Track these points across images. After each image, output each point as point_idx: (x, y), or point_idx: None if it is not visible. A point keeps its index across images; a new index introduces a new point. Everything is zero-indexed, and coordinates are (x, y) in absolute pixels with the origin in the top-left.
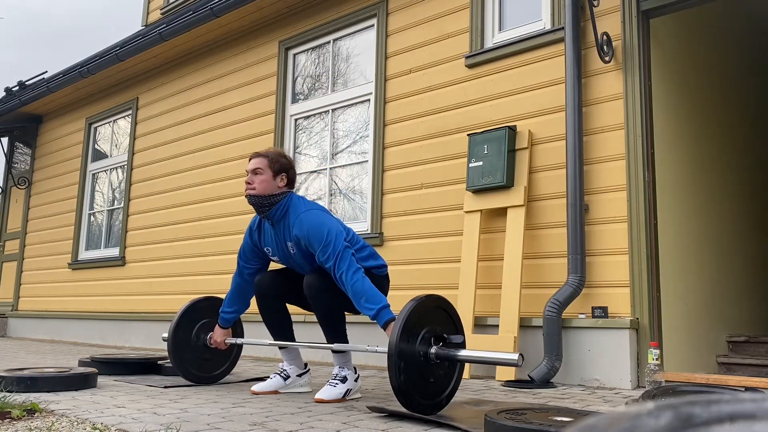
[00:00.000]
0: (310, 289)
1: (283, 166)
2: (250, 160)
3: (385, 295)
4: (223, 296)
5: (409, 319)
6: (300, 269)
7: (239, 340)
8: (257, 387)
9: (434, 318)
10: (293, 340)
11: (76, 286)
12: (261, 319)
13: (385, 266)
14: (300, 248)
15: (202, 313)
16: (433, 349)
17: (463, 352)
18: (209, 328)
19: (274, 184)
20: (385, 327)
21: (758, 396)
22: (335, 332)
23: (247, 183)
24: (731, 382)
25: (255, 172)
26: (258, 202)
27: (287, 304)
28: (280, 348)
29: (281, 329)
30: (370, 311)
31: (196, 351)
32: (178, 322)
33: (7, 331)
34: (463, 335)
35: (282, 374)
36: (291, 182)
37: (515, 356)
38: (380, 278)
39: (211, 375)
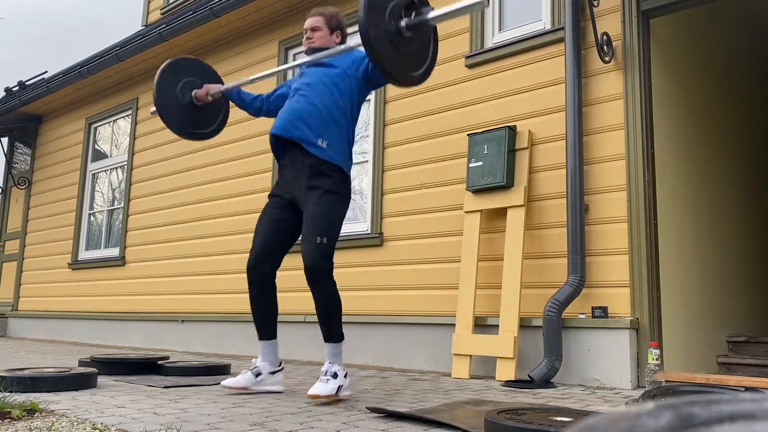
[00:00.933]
0: (312, 272)
1: (338, 23)
2: (306, 19)
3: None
4: (226, 296)
5: None
6: (306, 97)
7: (222, 87)
8: (227, 381)
9: None
10: (275, 333)
11: (76, 286)
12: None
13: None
14: (332, 69)
15: (179, 72)
16: (403, 22)
17: (432, 13)
18: (192, 86)
19: (331, 39)
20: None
21: (758, 396)
22: (335, 317)
23: (307, 38)
24: (731, 382)
25: (313, 29)
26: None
27: (286, 302)
28: (260, 339)
29: (268, 318)
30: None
31: (185, 108)
32: (158, 85)
33: (7, 331)
34: None
35: (254, 371)
36: (344, 39)
37: None
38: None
39: (208, 131)
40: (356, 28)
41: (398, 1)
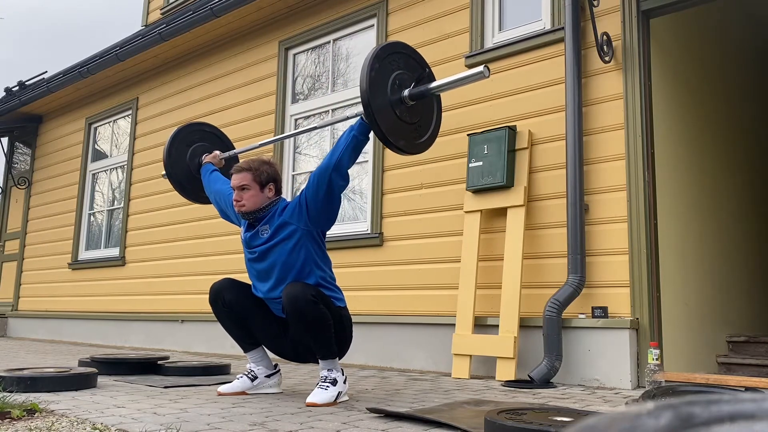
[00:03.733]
0: (295, 300)
1: (269, 176)
2: (231, 175)
3: (348, 336)
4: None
5: (371, 71)
6: (273, 275)
7: (232, 152)
8: (223, 388)
9: (397, 64)
10: (257, 341)
11: (76, 286)
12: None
13: (342, 298)
14: (281, 231)
15: (192, 137)
16: (405, 92)
17: (433, 84)
18: (201, 152)
19: (263, 196)
20: (363, 122)
21: (758, 396)
22: (324, 339)
23: (236, 201)
24: (731, 382)
25: (241, 188)
26: (250, 217)
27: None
28: (245, 351)
29: (242, 331)
30: (349, 136)
31: (193, 173)
32: (169, 149)
33: (7, 331)
34: (429, 69)
35: (249, 375)
36: (279, 189)
37: (480, 68)
38: (339, 309)
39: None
40: (366, 23)
41: (401, 73)
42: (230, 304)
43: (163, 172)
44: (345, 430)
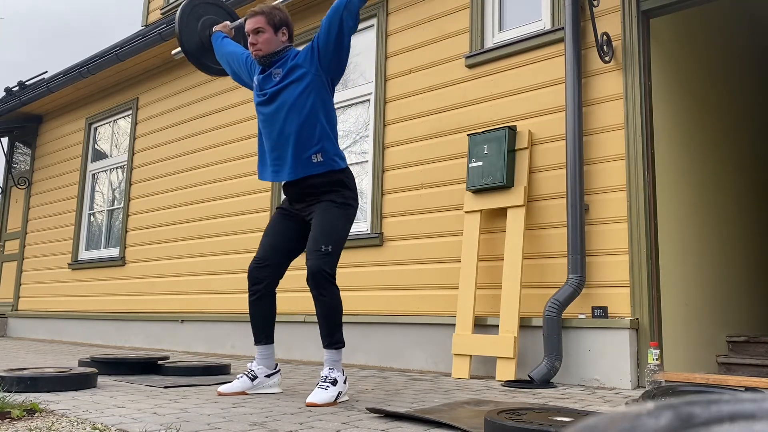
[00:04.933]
0: (314, 278)
1: (281, 20)
2: (246, 20)
3: (350, 197)
4: (226, 296)
5: None
6: (280, 118)
7: (239, 21)
8: (223, 388)
9: None
10: (272, 337)
11: (76, 286)
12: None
13: (343, 157)
14: (292, 73)
15: (198, 11)
16: None
17: None
18: (210, 24)
19: (278, 39)
20: None
21: (758, 396)
22: (335, 324)
23: (251, 44)
24: (731, 382)
25: (256, 31)
26: (266, 61)
27: (286, 303)
28: (256, 343)
29: (265, 324)
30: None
31: (206, 46)
32: (180, 24)
33: (7, 331)
34: None
35: (249, 375)
36: (291, 35)
37: None
38: (341, 171)
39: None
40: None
41: None
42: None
43: (177, 50)
44: (345, 430)
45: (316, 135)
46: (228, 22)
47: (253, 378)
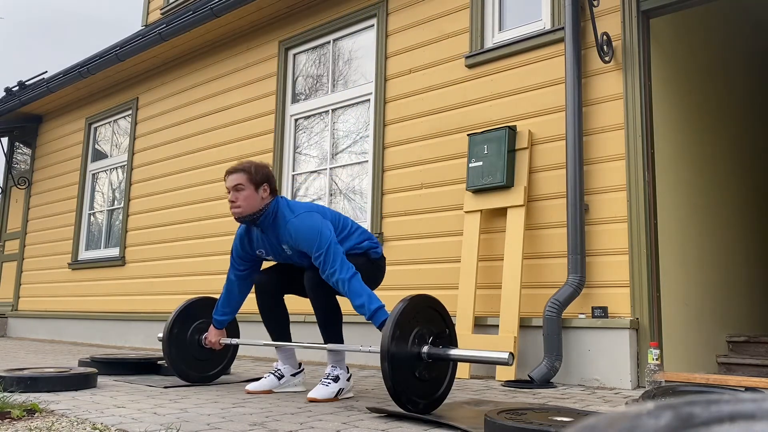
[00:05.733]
0: (310, 284)
1: (263, 177)
2: (226, 177)
3: (382, 274)
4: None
5: (401, 318)
6: (299, 264)
7: (234, 341)
8: (251, 386)
9: (426, 317)
10: (290, 339)
11: (76, 286)
12: (258, 319)
13: (378, 245)
14: (295, 250)
15: (197, 313)
16: (425, 348)
17: (454, 351)
18: (204, 328)
19: (258, 197)
20: (380, 327)
21: (758, 396)
22: (332, 330)
23: (231, 202)
24: (731, 382)
25: (236, 188)
26: (246, 219)
27: (287, 302)
28: (276, 347)
29: (279, 327)
30: (366, 312)
31: (192, 351)
32: (172, 323)
33: (7, 331)
34: (454, 333)
35: (276, 374)
36: (274, 190)
37: (505, 355)
38: (376, 260)
39: (207, 375)
40: (367, 23)
41: (424, 330)
42: (263, 286)
43: (160, 335)
44: (345, 430)
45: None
46: (218, 340)
47: (280, 377)
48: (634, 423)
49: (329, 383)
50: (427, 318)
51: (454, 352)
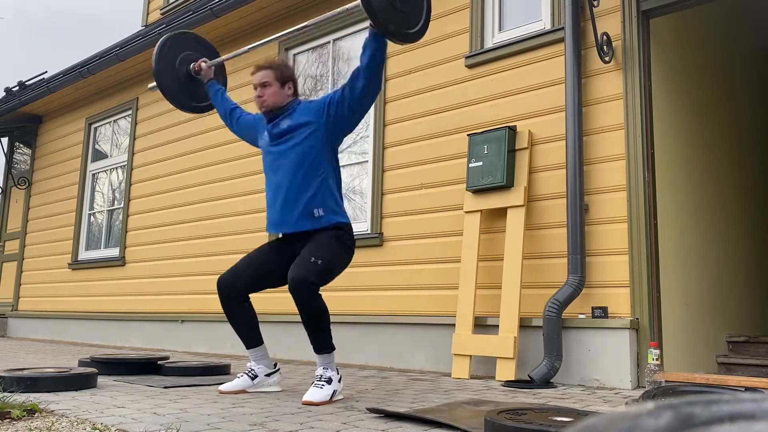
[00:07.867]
0: (296, 284)
1: (288, 76)
2: (253, 73)
3: (351, 257)
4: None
5: None
6: (282, 162)
7: (219, 59)
8: (224, 386)
9: None
10: (261, 341)
11: (76, 286)
12: (263, 320)
13: (343, 214)
14: (296, 127)
15: (178, 47)
16: None
17: None
18: (189, 59)
19: (284, 93)
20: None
21: (758, 396)
22: (321, 331)
23: (258, 96)
24: (731, 382)
25: (263, 84)
26: (271, 113)
27: (287, 303)
28: (247, 348)
29: (249, 329)
30: (367, 47)
31: (183, 82)
32: (158, 58)
33: (7, 331)
34: None
35: (250, 374)
36: (296, 90)
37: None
38: (350, 247)
39: (205, 104)
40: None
41: None
42: (225, 286)
43: (153, 84)
44: (345, 430)
45: (318, 189)
46: (206, 60)
47: (254, 377)
48: (634, 423)
49: (323, 385)
50: None
51: None
